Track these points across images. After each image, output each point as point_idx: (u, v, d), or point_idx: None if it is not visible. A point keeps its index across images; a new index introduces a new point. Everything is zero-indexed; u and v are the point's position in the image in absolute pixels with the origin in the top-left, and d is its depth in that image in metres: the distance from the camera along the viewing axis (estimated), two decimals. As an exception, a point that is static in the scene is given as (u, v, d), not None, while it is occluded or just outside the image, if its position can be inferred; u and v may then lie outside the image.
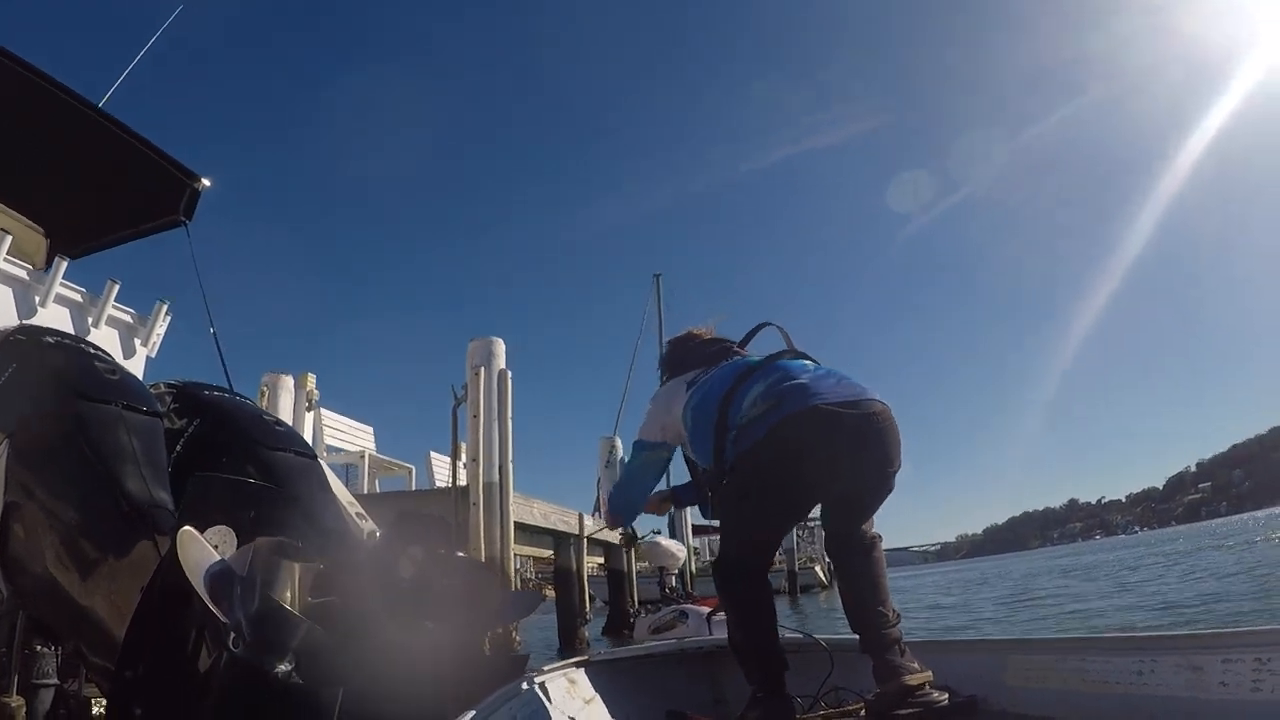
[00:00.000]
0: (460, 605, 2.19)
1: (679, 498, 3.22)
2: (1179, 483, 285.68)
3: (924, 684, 2.32)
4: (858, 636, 2.47)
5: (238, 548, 1.87)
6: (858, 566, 2.56)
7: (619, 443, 18.15)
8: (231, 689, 1.62)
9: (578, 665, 2.87)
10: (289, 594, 1.58)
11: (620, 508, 3.10)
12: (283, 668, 1.57)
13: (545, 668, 2.70)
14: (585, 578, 11.83)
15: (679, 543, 6.01)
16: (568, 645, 11.02)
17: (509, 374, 8.26)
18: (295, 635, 1.56)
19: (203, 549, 1.69)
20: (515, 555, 8.87)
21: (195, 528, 1.78)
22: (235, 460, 2.73)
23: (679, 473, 3.12)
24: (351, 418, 11.20)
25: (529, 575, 20.35)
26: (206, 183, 5.51)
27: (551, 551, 11.43)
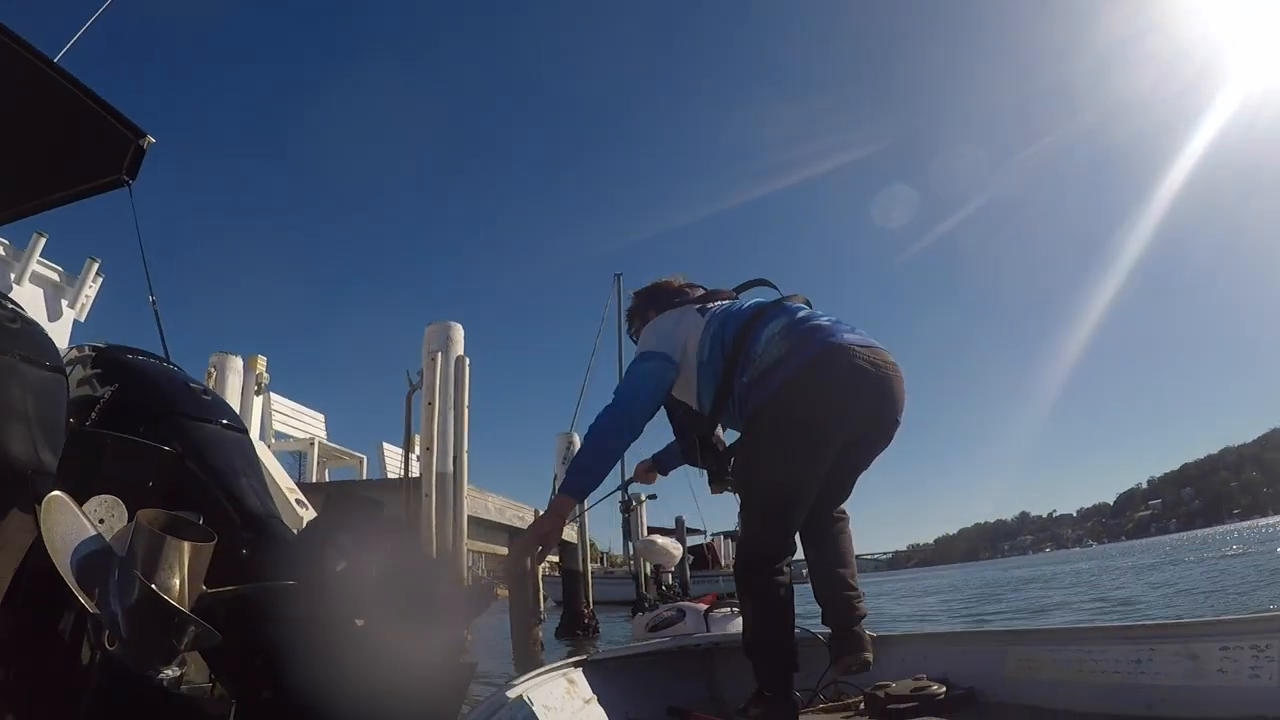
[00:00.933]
0: (397, 602, 1.89)
1: (663, 463, 3.11)
2: (1130, 499, 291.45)
3: (868, 664, 2.47)
4: (821, 608, 2.54)
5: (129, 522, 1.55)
6: (832, 540, 2.58)
7: (576, 439, 17.67)
8: (103, 697, 1.31)
9: (576, 665, 2.84)
10: (177, 580, 1.26)
11: (619, 425, 2.49)
12: (167, 673, 1.25)
13: (543, 668, 2.69)
14: (540, 576, 11.50)
15: (675, 540, 5.81)
16: (521, 646, 10.70)
17: (467, 361, 7.91)
18: (183, 635, 1.24)
19: (75, 521, 1.36)
20: (468, 551, 8.54)
21: (74, 495, 1.46)
22: (152, 429, 2.40)
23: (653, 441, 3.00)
24: (303, 404, 10.82)
25: (482, 572, 19.97)
26: (151, 139, 5.09)
27: (506, 549, 11.09)
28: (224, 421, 2.64)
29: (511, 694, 2.25)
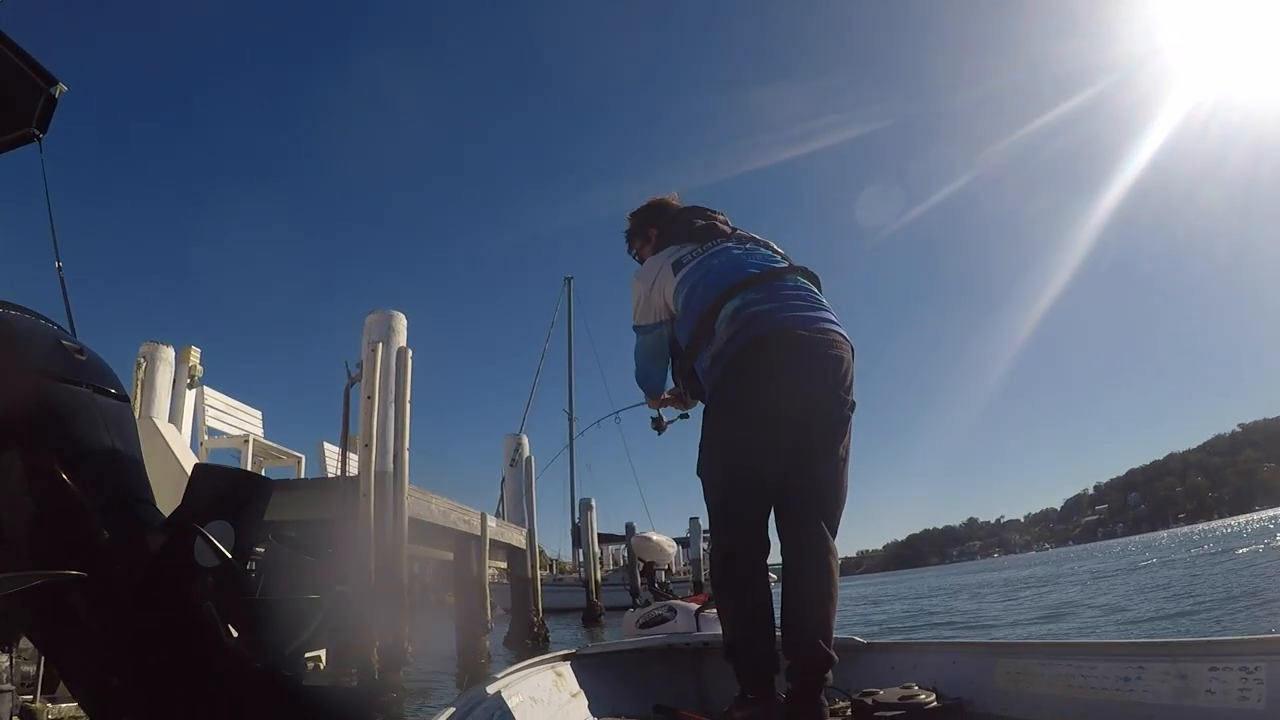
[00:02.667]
0: (288, 610, 1.50)
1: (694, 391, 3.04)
2: (1077, 504, 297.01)
3: None
4: (787, 661, 2.30)
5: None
6: (811, 570, 2.35)
7: (525, 441, 17.71)
8: None
9: (564, 658, 2.93)
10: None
11: (645, 388, 3.02)
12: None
13: (531, 660, 2.77)
14: (487, 584, 11.05)
15: (669, 538, 5.53)
16: (467, 656, 10.27)
17: (410, 352, 7.47)
18: None
19: None
20: (411, 556, 8.07)
21: None
22: (9, 390, 1.99)
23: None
24: (240, 400, 10.26)
25: (428, 580, 19.46)
26: (64, 87, 4.59)
27: (450, 553, 10.62)
28: (97, 385, 2.23)
29: (497, 686, 2.31)
